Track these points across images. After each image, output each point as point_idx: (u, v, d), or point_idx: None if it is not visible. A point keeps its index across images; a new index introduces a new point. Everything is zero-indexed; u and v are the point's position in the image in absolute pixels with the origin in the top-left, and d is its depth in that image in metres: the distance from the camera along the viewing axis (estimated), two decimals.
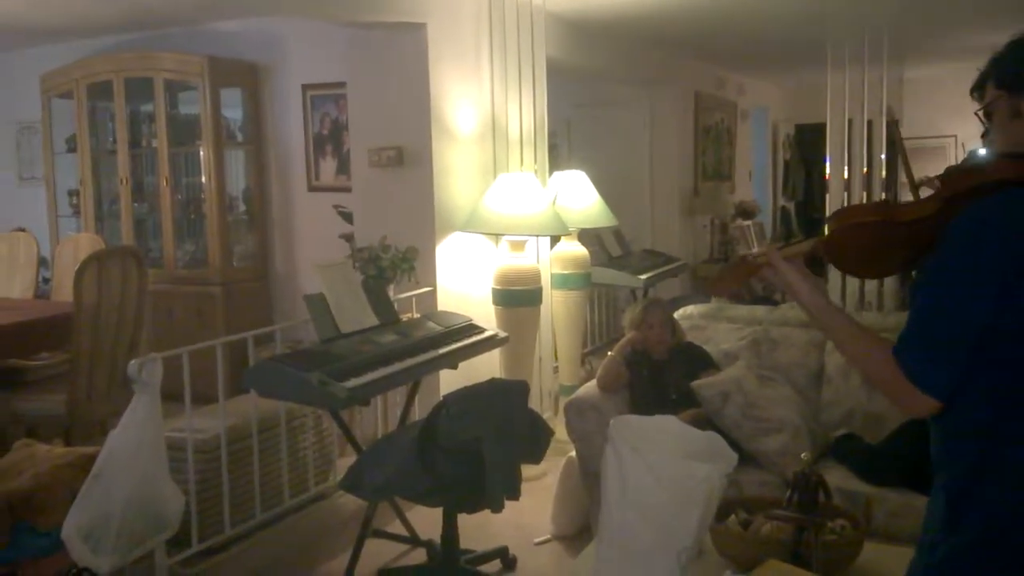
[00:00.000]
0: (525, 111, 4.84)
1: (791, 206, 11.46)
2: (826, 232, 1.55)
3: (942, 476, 1.45)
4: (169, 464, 2.99)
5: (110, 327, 4.13)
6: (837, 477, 3.05)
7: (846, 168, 5.63)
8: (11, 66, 6.85)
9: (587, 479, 3.53)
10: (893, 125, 4.91)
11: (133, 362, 2.84)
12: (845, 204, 5.40)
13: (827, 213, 7.61)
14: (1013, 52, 1.44)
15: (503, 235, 4.47)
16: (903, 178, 7.31)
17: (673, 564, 1.90)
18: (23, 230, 6.07)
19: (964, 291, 1.34)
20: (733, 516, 2.44)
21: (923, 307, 1.39)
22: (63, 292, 5.18)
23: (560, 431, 3.72)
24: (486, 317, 4.27)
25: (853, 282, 5.51)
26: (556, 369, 5.24)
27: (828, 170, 5.82)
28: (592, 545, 2.57)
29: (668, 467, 1.95)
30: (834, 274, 5.26)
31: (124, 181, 6.04)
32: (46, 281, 5.97)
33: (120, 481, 2.77)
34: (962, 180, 1.47)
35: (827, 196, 5.89)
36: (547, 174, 5.11)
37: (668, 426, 2.14)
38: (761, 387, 3.33)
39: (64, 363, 4.39)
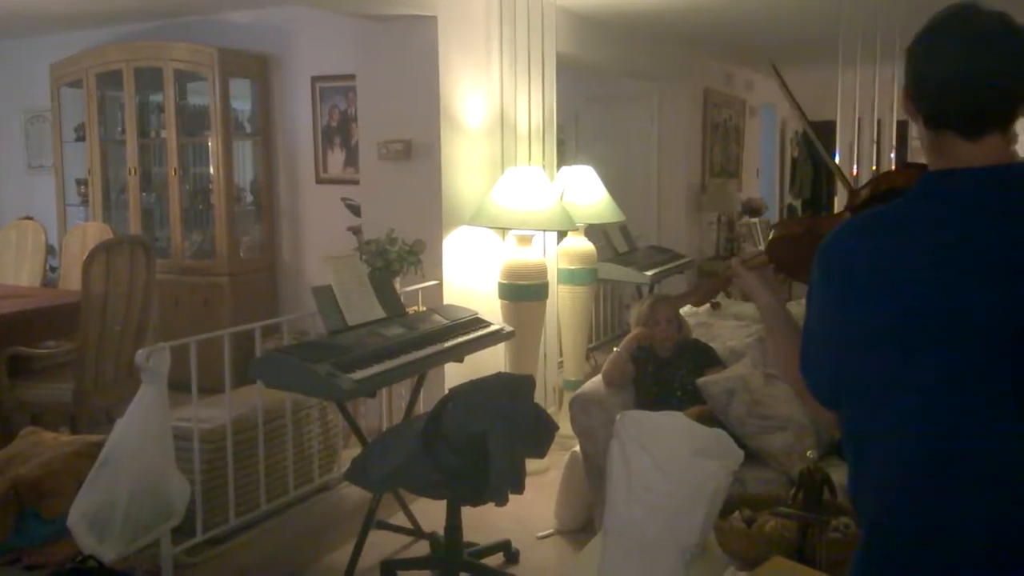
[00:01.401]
0: (534, 105, 4.84)
1: (798, 204, 11.44)
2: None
3: None
4: (175, 453, 3.00)
5: (118, 316, 4.14)
6: (841, 475, 3.03)
7: (855, 166, 5.62)
8: (21, 54, 6.87)
9: (591, 474, 3.54)
10: (777, 73, 4.89)
11: (141, 351, 2.85)
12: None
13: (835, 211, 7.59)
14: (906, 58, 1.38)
15: (510, 230, 4.47)
16: None
17: (678, 560, 1.91)
18: (30, 218, 6.09)
19: (814, 306, 1.39)
20: (737, 513, 2.43)
21: (804, 322, 1.44)
22: (71, 280, 5.20)
23: (564, 426, 3.72)
24: (492, 311, 4.27)
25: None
26: (561, 364, 5.24)
27: (837, 169, 5.79)
28: (596, 540, 2.57)
29: (675, 463, 1.96)
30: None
31: (132, 171, 6.05)
32: (53, 270, 5.99)
33: (126, 469, 2.78)
34: (862, 190, 1.51)
35: (836, 195, 5.86)
36: (555, 169, 5.11)
37: (674, 423, 2.14)
38: (767, 385, 3.33)
39: (71, 351, 4.40)
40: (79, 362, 4.10)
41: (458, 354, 3.61)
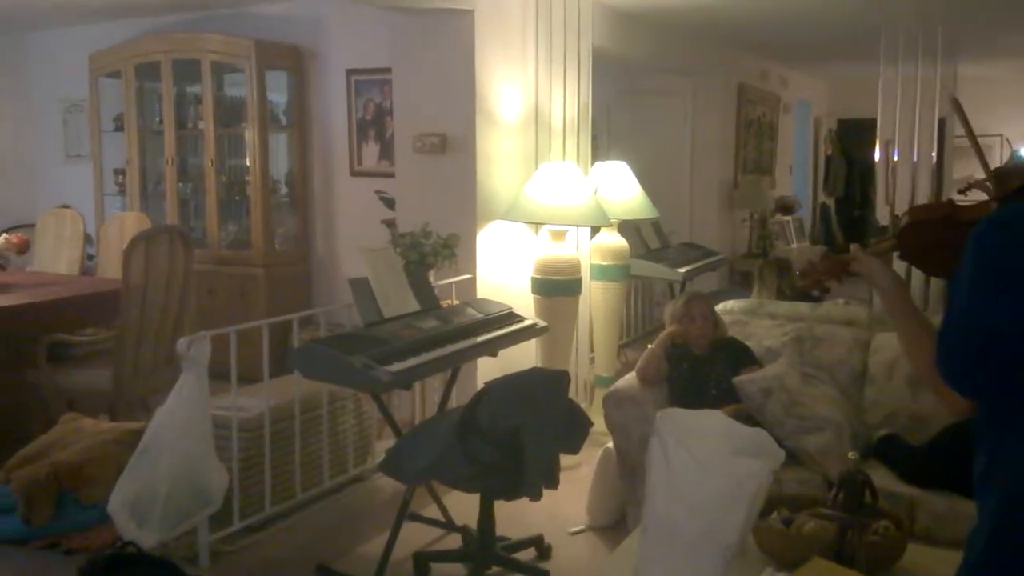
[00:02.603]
0: (569, 100, 4.82)
1: (831, 202, 11.34)
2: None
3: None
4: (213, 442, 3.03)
5: (156, 305, 4.19)
6: (879, 478, 3.00)
7: (891, 166, 5.56)
8: (59, 44, 6.97)
9: (624, 471, 3.53)
10: (959, 108, 4.81)
11: (182, 339, 2.88)
12: (892, 202, 5.33)
13: (875, 211, 7.52)
14: None
15: (544, 224, 4.47)
16: (954, 175, 7.19)
17: (718, 559, 1.90)
18: (68, 207, 6.17)
19: (972, 295, 1.36)
20: (775, 513, 2.42)
21: (947, 312, 1.42)
22: (108, 269, 5.27)
23: (596, 422, 3.72)
24: (524, 306, 4.27)
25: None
26: (592, 360, 5.24)
27: (878, 167, 5.75)
28: (632, 537, 2.57)
29: (716, 462, 1.94)
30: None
31: (170, 161, 6.12)
32: (90, 258, 6.07)
33: (166, 457, 2.82)
34: (1008, 181, 1.48)
35: (875, 192, 5.80)
36: (589, 164, 5.09)
37: (715, 421, 2.13)
38: (804, 385, 3.31)
39: (109, 339, 4.46)
40: (118, 350, 4.16)
41: (492, 348, 3.62)
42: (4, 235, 4.62)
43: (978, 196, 1.58)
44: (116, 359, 4.16)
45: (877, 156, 5.75)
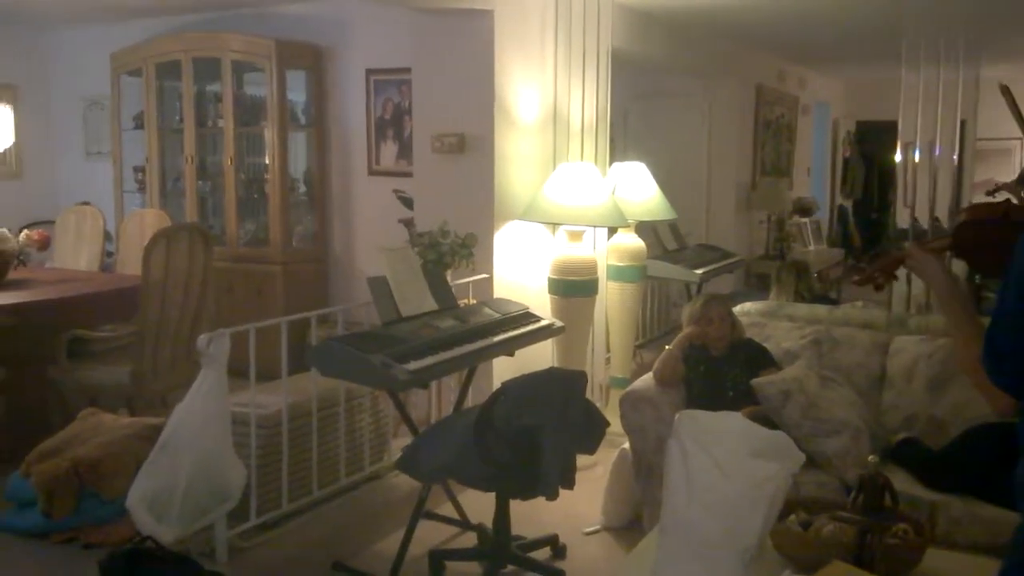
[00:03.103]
0: (587, 100, 4.82)
1: (849, 204, 11.28)
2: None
3: None
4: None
5: (176, 302, 4.22)
6: (898, 482, 2.98)
7: (912, 168, 5.52)
8: (82, 42, 7.02)
9: (640, 472, 3.53)
10: (1008, 95, 4.76)
11: (202, 336, 2.90)
12: (912, 205, 5.30)
13: (894, 213, 7.47)
14: None
15: (561, 225, 4.47)
16: (975, 177, 7.11)
17: (737, 562, 1.90)
18: (88, 204, 6.22)
19: (1021, 296, 1.37)
20: (793, 516, 2.42)
21: (995, 311, 1.43)
22: (128, 266, 5.30)
23: (612, 422, 3.72)
24: (540, 306, 4.27)
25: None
26: (608, 360, 5.23)
27: (898, 169, 5.71)
28: (648, 538, 2.57)
29: (735, 464, 1.94)
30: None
31: (189, 159, 6.16)
32: (110, 255, 6.11)
33: (186, 452, 2.84)
34: None
35: (894, 195, 5.76)
36: (607, 165, 5.09)
37: (733, 423, 2.13)
38: (822, 388, 3.29)
39: (129, 335, 4.50)
40: (138, 346, 4.19)
41: (509, 348, 3.62)
42: (25, 231, 4.66)
43: (1004, 198, 1.59)
44: (136, 355, 4.19)
45: (898, 158, 5.72)
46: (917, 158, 5.42)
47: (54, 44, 7.26)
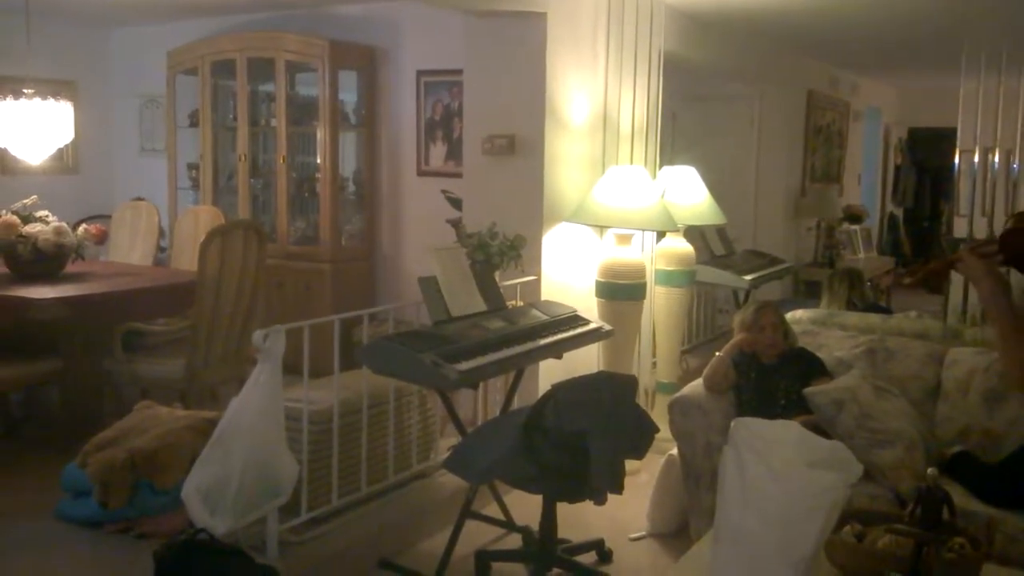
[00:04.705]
0: (638, 103, 4.81)
1: (899, 212, 11.11)
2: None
3: None
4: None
5: (229, 297, 4.29)
6: (954, 496, 2.95)
7: (972, 177, 5.41)
8: (140, 41, 7.16)
9: (688, 479, 3.51)
10: None
11: (259, 331, 2.93)
12: (970, 214, 5.20)
13: (948, 222, 7.32)
14: None
15: (610, 228, 4.46)
16: None
17: (792, 573, 1.88)
18: (142, 199, 6.34)
19: None
20: (848, 527, 2.39)
21: None
22: (181, 261, 5.40)
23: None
24: (588, 309, 4.27)
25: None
26: (654, 365, 5.21)
27: (956, 178, 5.61)
28: (699, 545, 2.55)
29: (792, 473, 1.93)
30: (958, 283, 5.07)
31: (242, 157, 6.25)
32: (163, 250, 6.22)
33: (240, 446, 2.87)
34: None
35: (947, 203, 5.65)
36: (656, 168, 5.07)
37: (790, 432, 2.11)
38: (876, 398, 3.25)
39: (183, 329, 4.58)
40: (192, 340, 4.26)
41: (557, 351, 3.62)
42: (84, 225, 4.75)
43: None
44: (189, 349, 4.26)
45: (955, 167, 5.62)
46: (975, 166, 5.32)
47: (113, 42, 7.41)
